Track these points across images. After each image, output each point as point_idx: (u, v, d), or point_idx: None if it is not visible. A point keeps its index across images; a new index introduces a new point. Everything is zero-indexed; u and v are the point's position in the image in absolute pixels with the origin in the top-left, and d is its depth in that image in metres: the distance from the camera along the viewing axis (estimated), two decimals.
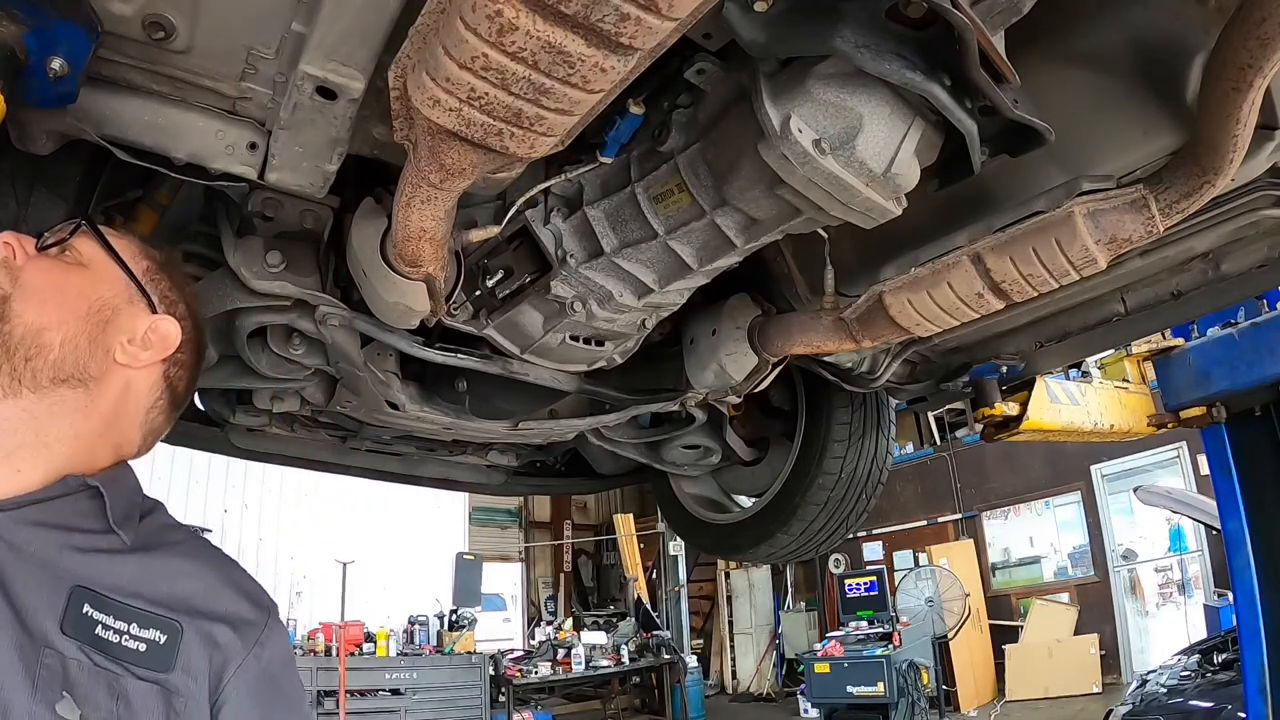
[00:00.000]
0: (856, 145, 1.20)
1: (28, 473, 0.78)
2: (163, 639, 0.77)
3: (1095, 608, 9.88)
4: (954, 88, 1.14)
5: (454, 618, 10.50)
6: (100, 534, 0.80)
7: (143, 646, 0.76)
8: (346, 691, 8.70)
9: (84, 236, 0.90)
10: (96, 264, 0.89)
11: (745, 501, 2.89)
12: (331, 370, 1.94)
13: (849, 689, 8.77)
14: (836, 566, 12.05)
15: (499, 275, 1.69)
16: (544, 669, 10.51)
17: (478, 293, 1.71)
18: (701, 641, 14.18)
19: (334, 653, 8.96)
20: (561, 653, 10.83)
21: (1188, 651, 5.84)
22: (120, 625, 0.75)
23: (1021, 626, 10.34)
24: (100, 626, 0.74)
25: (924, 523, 11.82)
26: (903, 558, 11.66)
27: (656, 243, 1.52)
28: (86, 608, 0.74)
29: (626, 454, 2.62)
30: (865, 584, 10.16)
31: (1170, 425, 3.62)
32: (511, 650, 11.59)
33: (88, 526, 0.79)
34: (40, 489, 0.78)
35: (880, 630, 9.36)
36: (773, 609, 13.55)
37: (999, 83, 1.12)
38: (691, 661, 11.83)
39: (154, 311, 0.90)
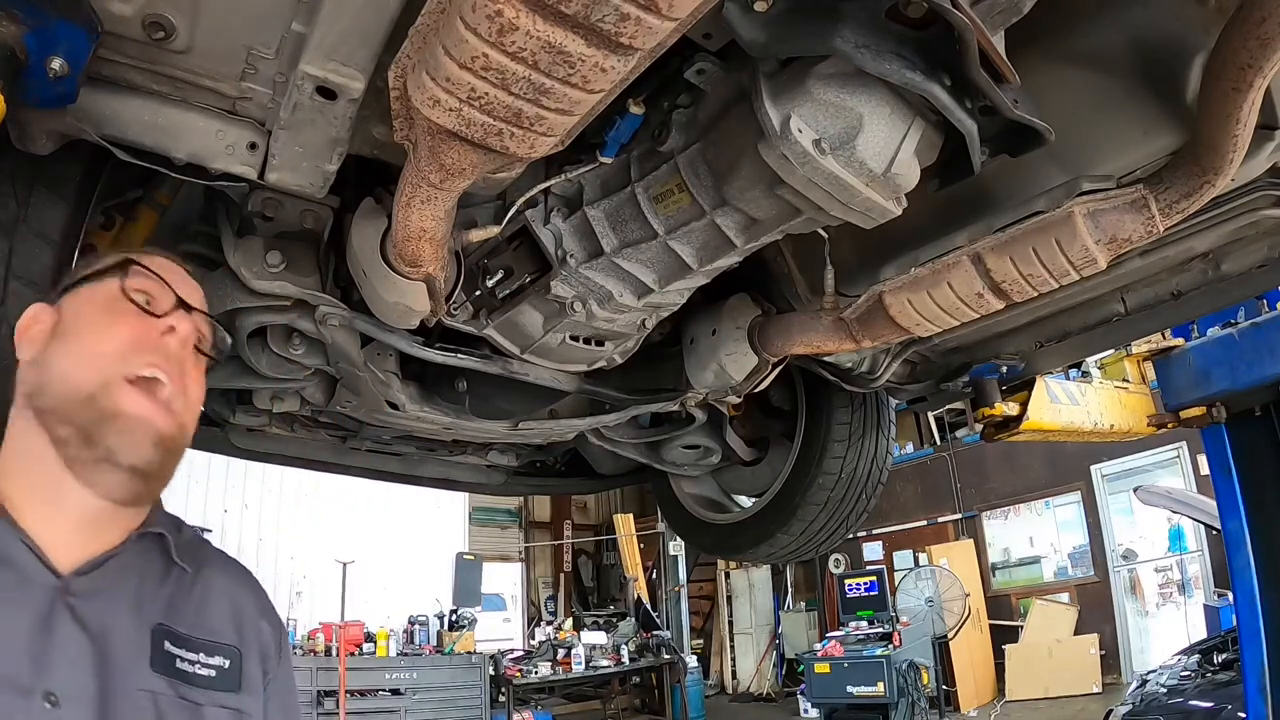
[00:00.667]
0: (856, 145, 1.20)
1: (105, 540, 0.80)
2: (227, 664, 0.83)
3: (1095, 608, 9.87)
4: (954, 88, 1.14)
5: (454, 618, 10.49)
6: (165, 571, 0.85)
7: (213, 673, 0.81)
8: (346, 691, 8.70)
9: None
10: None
11: (745, 501, 2.89)
12: (331, 370, 1.94)
13: (849, 689, 8.76)
14: (836, 566, 12.04)
15: (499, 275, 1.69)
16: (544, 669, 10.50)
17: (478, 293, 1.71)
18: (701, 641, 14.18)
19: (334, 653, 8.95)
20: (561, 653, 10.82)
21: (1188, 651, 5.84)
22: (193, 656, 0.80)
23: (1021, 626, 10.33)
24: (179, 660, 0.79)
25: (924, 523, 11.82)
26: (903, 558, 11.66)
27: (656, 243, 1.52)
28: (166, 644, 0.78)
29: (626, 454, 2.62)
30: (865, 584, 10.15)
31: (1170, 425, 3.61)
32: (511, 650, 11.58)
33: (155, 567, 0.84)
34: (117, 545, 0.81)
35: (880, 630, 9.36)
36: (773, 609, 13.54)
37: (999, 83, 1.12)
38: (691, 661, 11.82)
39: None
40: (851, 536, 4.34)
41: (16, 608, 0.70)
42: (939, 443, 12.18)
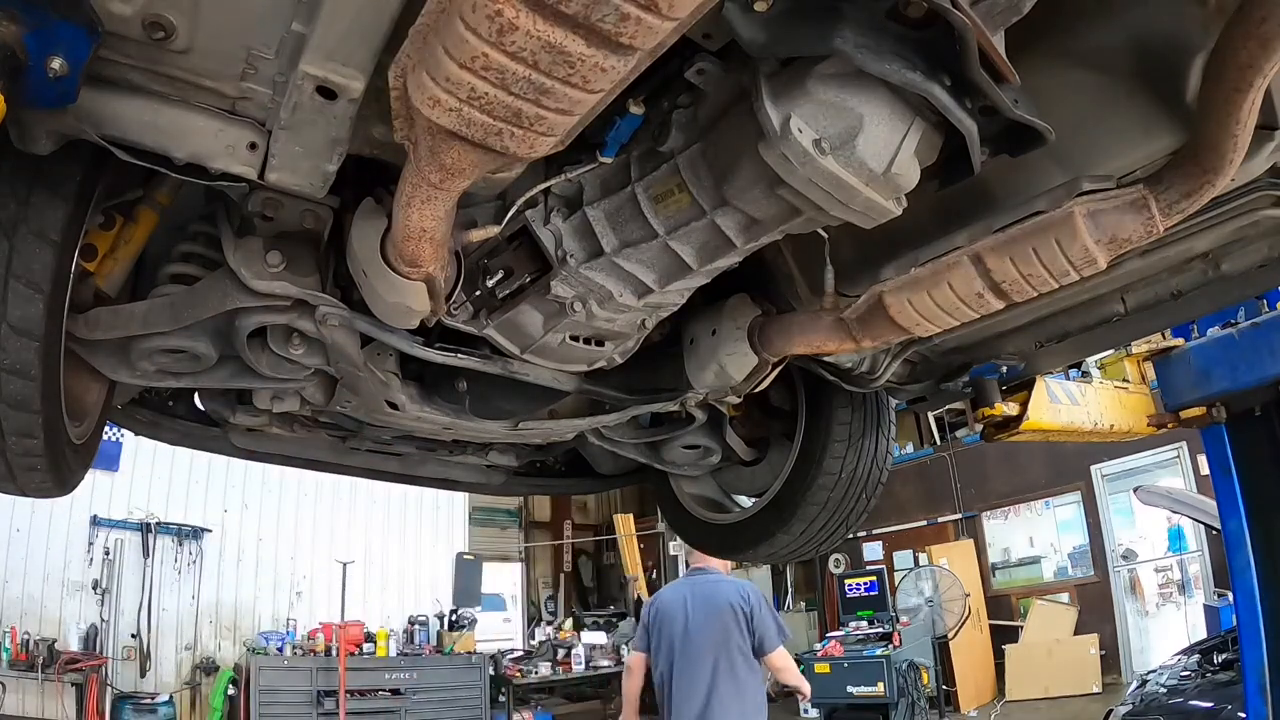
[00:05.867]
0: (856, 145, 1.20)
1: None
2: None
3: (1095, 608, 9.87)
4: (954, 88, 1.14)
5: (454, 618, 10.51)
6: None
7: None
8: (346, 691, 8.71)
9: None
10: None
11: (745, 501, 2.89)
12: (331, 370, 1.94)
13: (849, 689, 8.77)
14: (836, 566, 12.04)
15: (499, 275, 1.69)
16: (544, 669, 10.51)
17: (478, 293, 1.71)
18: None
19: (334, 653, 8.96)
20: (561, 653, 10.83)
21: (1188, 651, 5.84)
22: None
23: (1021, 626, 10.33)
24: None
25: (924, 523, 11.81)
26: (903, 558, 11.65)
27: (656, 243, 1.52)
28: None
29: (626, 454, 2.62)
30: (865, 584, 10.16)
31: (1170, 425, 3.62)
32: (511, 650, 11.59)
33: None
34: None
35: (880, 630, 9.37)
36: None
37: (999, 83, 1.12)
38: None
39: None
40: (851, 536, 4.34)
41: None
42: (939, 443, 12.17)
